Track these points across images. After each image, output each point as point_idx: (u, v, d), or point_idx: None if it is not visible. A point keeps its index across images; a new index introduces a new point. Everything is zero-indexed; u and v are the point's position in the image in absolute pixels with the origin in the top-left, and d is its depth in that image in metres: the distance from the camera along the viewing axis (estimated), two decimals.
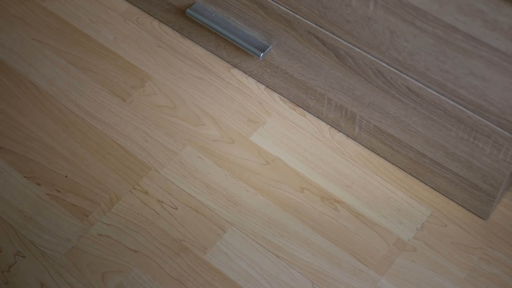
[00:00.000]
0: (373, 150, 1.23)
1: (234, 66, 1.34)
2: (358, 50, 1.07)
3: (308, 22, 1.10)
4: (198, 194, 1.21)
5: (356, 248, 1.15)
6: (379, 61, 1.06)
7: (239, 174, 1.23)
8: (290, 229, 1.17)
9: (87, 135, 1.27)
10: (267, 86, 1.31)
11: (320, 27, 1.10)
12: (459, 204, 1.18)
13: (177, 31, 1.38)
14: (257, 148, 1.25)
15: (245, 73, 1.33)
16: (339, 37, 1.08)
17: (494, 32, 0.88)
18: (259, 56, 1.21)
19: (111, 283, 1.12)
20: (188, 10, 1.27)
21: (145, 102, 1.31)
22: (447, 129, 1.07)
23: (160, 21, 1.39)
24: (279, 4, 1.12)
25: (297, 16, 1.11)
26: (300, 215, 1.18)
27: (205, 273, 1.13)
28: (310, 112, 1.28)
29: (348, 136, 1.25)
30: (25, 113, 1.30)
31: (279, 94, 1.30)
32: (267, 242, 1.16)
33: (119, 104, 1.31)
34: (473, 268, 1.13)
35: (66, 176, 1.23)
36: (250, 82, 1.32)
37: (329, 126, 1.27)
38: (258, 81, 1.32)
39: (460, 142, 1.07)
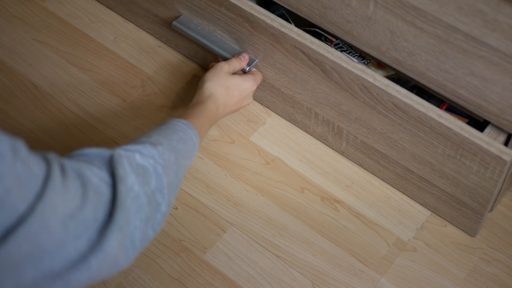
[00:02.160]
0: (360, 165, 1.22)
1: None
2: (344, 65, 1.06)
3: (294, 37, 1.09)
4: (198, 194, 1.21)
5: (356, 248, 1.15)
6: (364, 77, 1.05)
7: (239, 174, 1.23)
8: (290, 229, 1.17)
9: (87, 135, 1.27)
10: (255, 99, 1.29)
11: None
12: (448, 221, 1.17)
13: (164, 42, 1.37)
14: (257, 148, 1.25)
15: None
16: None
17: (494, 32, 0.88)
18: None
19: (111, 283, 1.12)
20: (174, 23, 1.26)
21: (145, 102, 1.31)
22: (433, 146, 1.06)
23: (148, 32, 1.38)
24: (265, 18, 1.11)
25: (282, 30, 1.10)
26: (300, 215, 1.18)
27: (205, 273, 1.13)
28: (297, 126, 1.27)
29: (335, 150, 1.24)
30: (25, 113, 1.30)
31: (266, 107, 1.29)
32: (267, 242, 1.16)
33: (119, 104, 1.31)
34: (473, 268, 1.13)
35: None
36: None
37: None
38: None
39: (447, 159, 1.06)
